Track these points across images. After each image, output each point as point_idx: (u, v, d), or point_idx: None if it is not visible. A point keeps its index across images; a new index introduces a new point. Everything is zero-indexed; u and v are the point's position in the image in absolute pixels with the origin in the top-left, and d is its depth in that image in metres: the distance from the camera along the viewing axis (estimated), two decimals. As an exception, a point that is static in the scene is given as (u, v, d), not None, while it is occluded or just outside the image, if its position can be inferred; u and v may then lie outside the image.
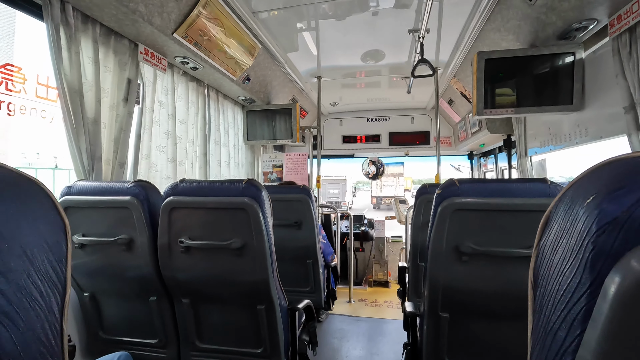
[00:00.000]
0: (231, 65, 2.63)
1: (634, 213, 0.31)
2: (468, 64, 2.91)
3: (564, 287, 0.36)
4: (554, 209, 0.42)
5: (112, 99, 1.93)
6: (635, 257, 0.30)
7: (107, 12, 1.70)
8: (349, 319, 3.25)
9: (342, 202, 22.40)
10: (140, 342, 1.66)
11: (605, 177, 0.36)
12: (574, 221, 0.36)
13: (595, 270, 0.32)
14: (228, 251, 1.41)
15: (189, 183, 1.45)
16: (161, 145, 2.38)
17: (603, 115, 1.90)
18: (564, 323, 0.35)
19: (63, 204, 1.53)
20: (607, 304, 0.30)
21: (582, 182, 0.39)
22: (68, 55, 1.63)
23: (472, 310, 1.35)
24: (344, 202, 22.71)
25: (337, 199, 22.61)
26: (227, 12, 2.16)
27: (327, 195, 22.77)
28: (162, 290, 1.56)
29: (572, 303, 0.34)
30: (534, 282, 0.44)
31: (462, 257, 1.26)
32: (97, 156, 1.80)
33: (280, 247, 2.48)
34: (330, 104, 4.65)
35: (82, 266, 1.58)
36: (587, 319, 0.33)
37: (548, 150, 2.53)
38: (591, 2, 1.65)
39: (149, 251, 1.49)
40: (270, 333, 1.51)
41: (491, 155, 4.28)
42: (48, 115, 1.64)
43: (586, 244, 0.33)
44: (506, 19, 2.10)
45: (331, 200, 22.27)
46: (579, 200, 0.37)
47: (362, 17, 2.39)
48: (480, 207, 1.23)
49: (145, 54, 2.06)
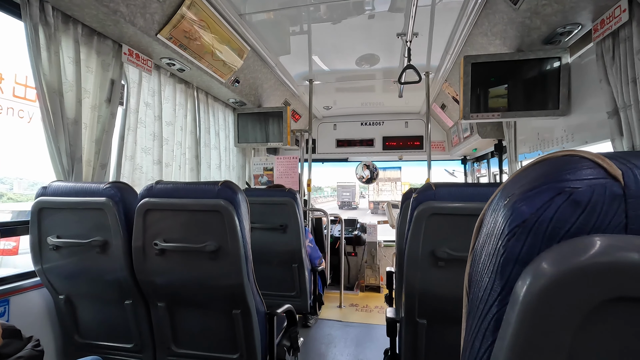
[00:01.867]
0: (219, 68, 2.62)
1: (542, 215, 0.29)
2: (458, 69, 2.90)
3: (481, 294, 0.34)
4: (485, 211, 0.40)
5: (94, 99, 1.92)
6: (543, 263, 0.28)
7: (87, 13, 1.69)
8: (338, 324, 3.21)
9: (352, 202, 29.37)
10: (115, 346, 1.63)
11: (525, 177, 0.34)
12: (494, 223, 0.34)
13: (504, 277, 0.30)
14: (203, 254, 1.38)
15: (165, 184, 1.43)
16: (147, 146, 2.36)
17: (588, 120, 1.89)
18: (479, 332, 0.33)
19: (38, 205, 1.51)
20: (514, 311, 0.28)
21: (510, 182, 0.37)
22: (47, 55, 1.62)
23: (450, 317, 1.32)
24: (354, 202, 29.54)
25: (349, 199, 29.40)
26: (213, 13, 2.15)
27: (342, 197, 29.79)
28: (137, 293, 1.53)
29: (486, 311, 0.32)
30: (468, 288, 0.42)
31: (439, 263, 1.24)
32: (77, 157, 1.78)
33: (264, 250, 2.47)
34: (324, 108, 4.64)
35: (57, 268, 1.55)
36: (498, 328, 0.30)
37: (537, 155, 2.51)
38: (574, 7, 1.64)
39: (123, 254, 1.46)
40: (247, 338, 1.48)
41: (484, 160, 4.27)
42: (26, 115, 1.61)
43: (499, 248, 0.31)
44: (492, 23, 2.09)
45: (344, 200, 29.31)
46: (501, 201, 0.35)
47: (357, 20, 2.37)
48: (457, 211, 1.21)
49: (129, 55, 2.05)
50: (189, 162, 2.88)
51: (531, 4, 1.74)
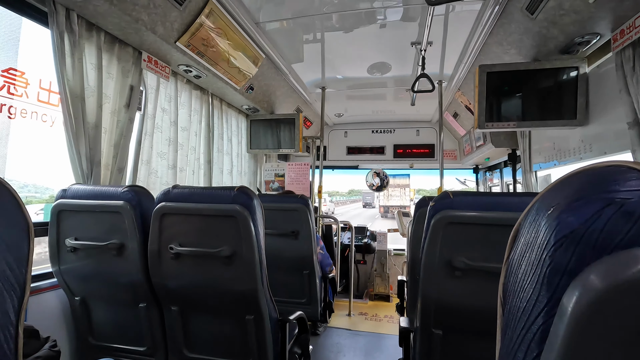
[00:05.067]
0: (235, 75, 2.66)
1: (591, 226, 0.29)
2: (472, 77, 2.90)
3: (523, 305, 0.33)
4: (522, 221, 0.40)
5: (114, 104, 1.96)
6: (593, 274, 0.27)
7: (110, 21, 1.74)
8: (347, 333, 3.18)
9: (372, 203, 38.93)
10: (129, 349, 1.64)
11: (570, 187, 0.33)
12: (536, 233, 0.34)
13: (552, 288, 0.30)
14: (217, 259, 1.39)
15: (181, 189, 1.45)
16: (162, 151, 2.40)
17: (607, 130, 1.86)
18: (522, 344, 0.33)
19: (57, 207, 1.54)
20: (563, 324, 0.28)
21: (549, 192, 0.37)
22: (71, 61, 1.67)
23: (466, 328, 1.30)
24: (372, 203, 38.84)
25: (370, 201, 39.39)
26: (231, 22, 2.19)
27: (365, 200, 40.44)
28: (151, 296, 1.54)
29: (530, 322, 0.32)
30: (503, 299, 0.42)
31: (455, 272, 1.23)
32: (97, 160, 1.81)
33: (276, 257, 2.47)
34: (336, 115, 4.66)
35: (74, 270, 1.57)
36: (544, 340, 0.30)
37: (553, 165, 2.48)
38: (593, 17, 1.63)
39: (139, 257, 1.48)
40: (259, 344, 1.47)
41: (497, 169, 4.22)
42: (49, 119, 1.66)
43: (544, 259, 0.31)
44: (508, 32, 2.08)
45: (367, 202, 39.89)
46: (542, 211, 0.34)
47: (369, 29, 2.40)
48: (475, 220, 1.20)
49: (148, 61, 2.10)
50: (202, 167, 2.92)
51: (549, 14, 1.73)
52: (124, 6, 1.64)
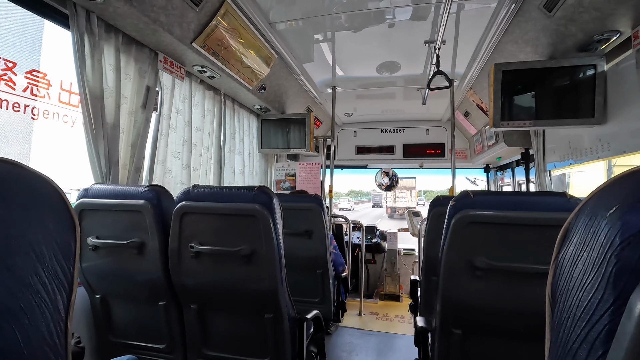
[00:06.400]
0: (247, 75, 2.68)
1: None
2: (485, 76, 2.88)
3: (584, 304, 0.33)
4: (573, 221, 0.40)
5: (131, 105, 1.99)
6: None
7: (129, 22, 1.76)
8: (358, 332, 3.18)
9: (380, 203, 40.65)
10: (147, 346, 1.66)
11: (629, 187, 0.33)
12: (595, 233, 0.34)
13: (619, 286, 0.30)
14: (237, 258, 1.40)
15: (202, 188, 1.47)
16: (177, 151, 2.42)
17: (627, 129, 1.84)
18: (584, 342, 0.33)
19: (79, 206, 1.56)
20: (632, 323, 0.28)
21: (604, 192, 0.37)
22: (91, 62, 1.69)
23: (486, 327, 1.29)
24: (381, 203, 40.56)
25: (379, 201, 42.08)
26: (245, 22, 2.20)
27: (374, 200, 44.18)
28: (171, 295, 1.56)
29: (594, 321, 0.32)
30: (552, 298, 0.42)
31: (477, 272, 1.22)
32: (115, 160, 1.84)
33: (289, 256, 2.46)
34: (345, 115, 4.66)
35: (95, 268, 1.60)
36: (610, 338, 0.30)
37: (568, 164, 2.46)
38: (613, 14, 1.61)
39: (159, 255, 1.50)
40: (277, 343, 1.48)
41: (508, 169, 4.19)
42: (69, 120, 1.69)
43: (609, 258, 0.31)
44: (524, 30, 2.07)
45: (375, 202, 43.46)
46: (600, 212, 0.34)
47: (379, 28, 2.40)
48: (496, 220, 1.19)
49: (164, 62, 2.12)
50: (213, 166, 2.94)
51: (567, 12, 1.71)
52: (142, 7, 1.66)
